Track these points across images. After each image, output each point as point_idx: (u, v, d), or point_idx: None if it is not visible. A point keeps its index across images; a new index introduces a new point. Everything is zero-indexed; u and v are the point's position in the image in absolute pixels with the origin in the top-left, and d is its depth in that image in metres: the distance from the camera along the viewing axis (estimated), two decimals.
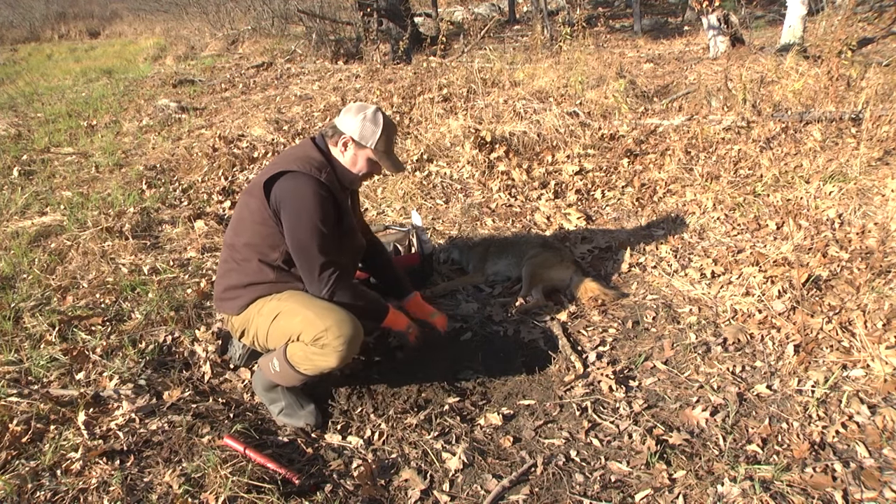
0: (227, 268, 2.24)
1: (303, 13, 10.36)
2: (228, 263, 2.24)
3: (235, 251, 2.21)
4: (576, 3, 10.19)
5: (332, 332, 2.01)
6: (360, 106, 2.22)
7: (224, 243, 2.30)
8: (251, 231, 2.16)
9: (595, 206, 4.13)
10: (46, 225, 3.96)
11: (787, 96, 4.92)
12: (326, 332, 2.02)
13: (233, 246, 2.22)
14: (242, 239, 2.18)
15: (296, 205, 2.07)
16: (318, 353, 2.05)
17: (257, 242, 2.16)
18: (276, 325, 2.13)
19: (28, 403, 2.24)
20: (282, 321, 2.12)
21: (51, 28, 19.50)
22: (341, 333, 2.02)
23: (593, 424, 2.24)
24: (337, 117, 2.25)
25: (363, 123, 2.17)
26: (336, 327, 2.02)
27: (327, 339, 2.02)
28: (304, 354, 2.07)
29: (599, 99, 5.35)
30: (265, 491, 1.88)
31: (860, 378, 2.32)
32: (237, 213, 2.25)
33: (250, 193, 2.19)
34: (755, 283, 2.92)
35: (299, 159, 2.14)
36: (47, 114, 7.54)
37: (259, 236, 2.15)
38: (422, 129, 5.19)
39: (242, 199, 2.25)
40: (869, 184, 3.64)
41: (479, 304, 3.08)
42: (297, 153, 2.20)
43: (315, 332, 2.02)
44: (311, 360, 2.07)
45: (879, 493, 1.84)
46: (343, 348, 2.03)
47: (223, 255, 2.29)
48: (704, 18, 8.03)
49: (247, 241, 2.17)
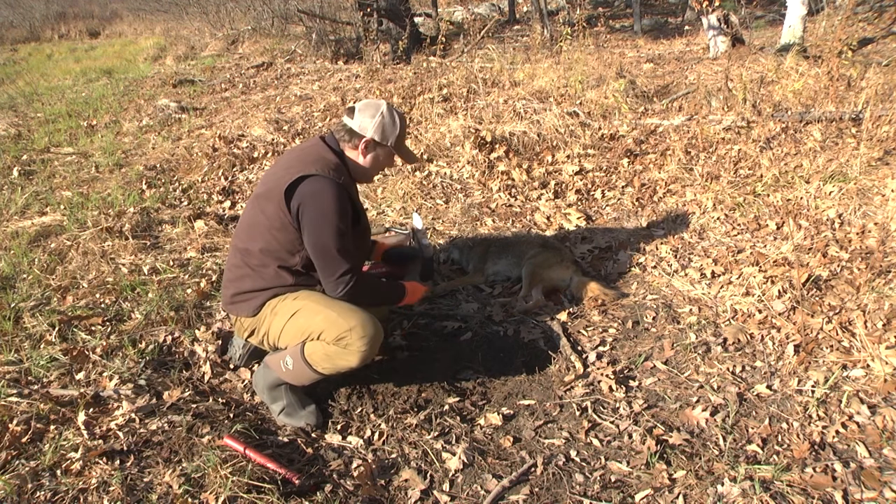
0: (241, 273, 2.20)
1: (303, 13, 10.36)
2: (242, 269, 2.20)
3: (250, 256, 2.17)
4: (576, 3, 10.19)
5: (357, 333, 2.02)
6: (370, 104, 2.19)
7: (234, 247, 2.25)
8: (268, 237, 2.13)
9: (595, 206, 4.13)
10: (46, 225, 3.96)
11: (787, 96, 4.92)
12: (350, 332, 2.02)
13: (247, 251, 2.17)
14: (258, 245, 2.14)
15: (317, 209, 2.05)
16: (341, 352, 2.05)
17: (275, 248, 2.13)
18: (294, 323, 2.12)
19: (28, 403, 2.24)
20: (300, 320, 2.11)
21: (51, 28, 19.48)
22: (365, 334, 2.02)
23: (593, 424, 2.24)
24: (347, 119, 2.20)
25: (382, 123, 2.17)
26: (360, 327, 2.02)
27: (351, 339, 2.02)
28: (325, 354, 2.07)
29: (599, 99, 5.35)
30: (265, 491, 1.88)
31: (860, 378, 2.32)
32: (250, 218, 2.20)
33: (267, 198, 2.13)
34: (755, 283, 2.92)
35: (316, 162, 2.11)
36: (47, 114, 7.54)
37: (277, 242, 2.12)
38: (422, 129, 5.19)
39: (256, 203, 2.18)
40: (869, 184, 3.64)
41: (479, 304, 3.08)
42: (312, 155, 2.16)
43: (338, 332, 2.02)
44: (331, 360, 2.07)
45: (879, 493, 1.84)
46: (366, 349, 2.04)
47: (234, 259, 2.24)
48: (704, 18, 8.03)
49: (263, 247, 2.14)
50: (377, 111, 2.17)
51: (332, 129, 2.26)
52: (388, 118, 2.18)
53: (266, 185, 2.19)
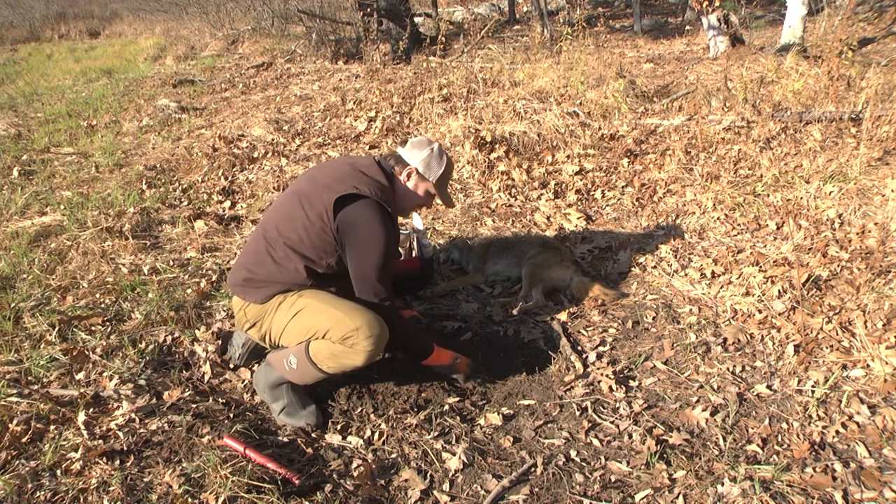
0: (260, 260, 2.20)
1: (303, 13, 10.36)
2: (263, 256, 2.20)
3: (275, 248, 2.18)
4: (576, 3, 10.19)
5: (363, 332, 2.03)
6: (424, 141, 2.35)
7: (261, 233, 2.24)
8: (302, 235, 2.14)
9: (595, 206, 4.13)
10: (46, 225, 3.96)
11: (787, 96, 4.92)
12: (357, 332, 2.03)
13: (274, 241, 2.18)
14: (289, 239, 2.16)
15: (365, 235, 2.10)
16: (347, 352, 2.06)
17: (305, 249, 2.15)
18: (298, 321, 2.13)
19: (28, 403, 2.24)
20: (305, 318, 2.12)
21: (51, 28, 19.46)
22: (371, 333, 2.04)
23: (593, 424, 2.24)
24: (401, 148, 2.37)
25: (430, 158, 2.31)
26: (367, 327, 2.03)
27: (357, 338, 2.03)
28: (331, 353, 2.08)
29: (599, 99, 5.35)
30: (265, 491, 1.88)
31: (860, 378, 2.32)
32: (288, 210, 2.20)
33: (312, 199, 2.15)
34: (755, 283, 2.92)
35: (371, 183, 2.16)
36: (47, 114, 7.54)
37: (310, 243, 2.14)
38: (422, 129, 5.19)
39: (297, 199, 2.19)
40: (869, 184, 3.64)
41: (479, 304, 3.08)
42: (368, 176, 2.19)
43: (345, 331, 2.03)
44: (336, 359, 2.08)
45: (879, 493, 1.84)
46: (372, 348, 2.05)
47: (257, 244, 2.23)
48: (704, 18, 8.03)
49: (292, 244, 2.15)
50: (428, 147, 2.32)
51: (384, 156, 2.37)
52: (437, 157, 2.32)
53: (313, 184, 2.20)
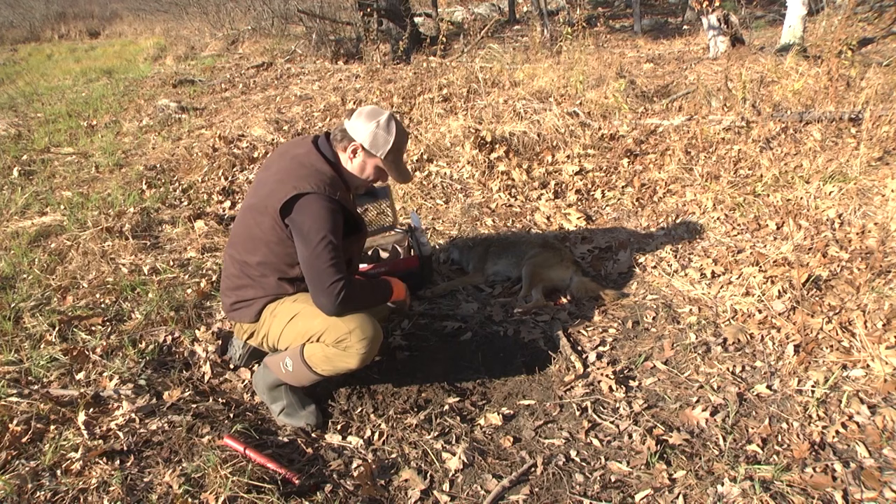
0: (241, 283, 2.19)
1: (303, 13, 10.36)
2: (241, 279, 2.19)
3: (249, 268, 2.16)
4: (576, 3, 10.19)
5: (356, 335, 2.02)
6: (373, 111, 2.14)
7: (231, 257, 2.22)
8: (266, 250, 2.11)
9: (595, 206, 4.13)
10: (46, 225, 3.96)
11: (787, 96, 4.92)
12: (350, 335, 2.02)
13: (246, 263, 2.16)
14: (256, 257, 2.13)
15: (310, 226, 2.01)
16: (340, 354, 2.05)
17: (274, 261, 2.12)
18: (293, 326, 2.12)
19: (28, 403, 2.24)
20: (299, 322, 2.11)
21: (51, 28, 19.46)
22: (365, 336, 2.03)
23: (593, 424, 2.24)
24: (347, 119, 2.17)
25: (375, 131, 2.09)
26: (360, 330, 2.03)
27: (350, 341, 2.03)
28: (325, 356, 2.07)
29: (599, 99, 5.35)
30: (265, 491, 1.88)
31: (860, 378, 2.32)
32: (246, 230, 2.16)
33: (260, 212, 2.09)
34: (755, 283, 2.92)
35: (311, 176, 2.05)
36: (47, 114, 7.54)
37: (276, 255, 2.11)
38: (422, 129, 5.19)
39: (251, 216, 2.14)
40: (869, 184, 3.63)
41: (479, 304, 3.08)
42: (306, 166, 2.09)
43: (338, 334, 2.03)
44: (331, 362, 2.08)
45: (879, 493, 1.84)
46: (366, 350, 2.04)
47: (232, 268, 2.21)
48: (704, 18, 8.02)
49: (262, 260, 2.13)
50: (374, 118, 2.11)
51: (331, 130, 2.22)
52: (383, 129, 2.10)
53: (258, 195, 2.14)
